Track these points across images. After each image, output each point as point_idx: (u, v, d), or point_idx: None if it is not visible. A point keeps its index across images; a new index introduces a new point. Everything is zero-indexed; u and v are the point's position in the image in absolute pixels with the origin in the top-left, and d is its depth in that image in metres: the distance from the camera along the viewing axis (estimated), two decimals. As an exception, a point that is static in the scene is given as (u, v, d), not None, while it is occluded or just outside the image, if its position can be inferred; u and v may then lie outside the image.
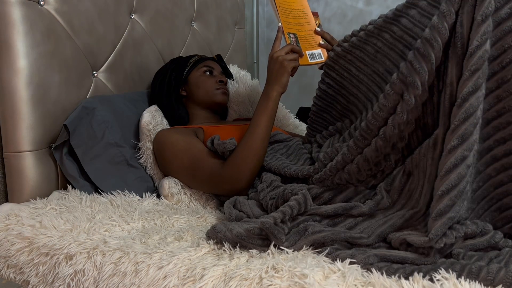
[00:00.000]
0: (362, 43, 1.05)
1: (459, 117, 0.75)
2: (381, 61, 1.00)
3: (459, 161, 0.74)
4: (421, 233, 0.77)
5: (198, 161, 1.11)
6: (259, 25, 2.54)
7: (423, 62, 0.80)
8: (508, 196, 0.82)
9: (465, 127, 0.74)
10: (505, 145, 0.81)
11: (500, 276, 0.64)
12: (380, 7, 2.25)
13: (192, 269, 0.75)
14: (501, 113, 0.80)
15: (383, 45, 0.99)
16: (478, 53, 0.75)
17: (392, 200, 0.88)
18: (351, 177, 0.94)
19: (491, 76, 0.79)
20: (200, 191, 1.18)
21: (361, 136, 0.91)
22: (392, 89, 0.84)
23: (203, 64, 1.39)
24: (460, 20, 0.78)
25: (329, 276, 0.69)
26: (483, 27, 0.75)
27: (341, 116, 1.16)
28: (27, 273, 0.89)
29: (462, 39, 0.78)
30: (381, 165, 0.92)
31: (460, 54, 0.78)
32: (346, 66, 1.11)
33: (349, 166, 0.93)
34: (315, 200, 0.94)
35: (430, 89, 0.84)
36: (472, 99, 0.75)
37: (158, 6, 1.57)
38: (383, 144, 0.88)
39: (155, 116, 1.27)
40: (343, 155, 0.93)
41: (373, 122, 0.88)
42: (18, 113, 1.07)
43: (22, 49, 1.06)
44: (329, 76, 1.17)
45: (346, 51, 1.11)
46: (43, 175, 1.14)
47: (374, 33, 1.02)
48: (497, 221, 0.83)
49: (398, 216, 0.83)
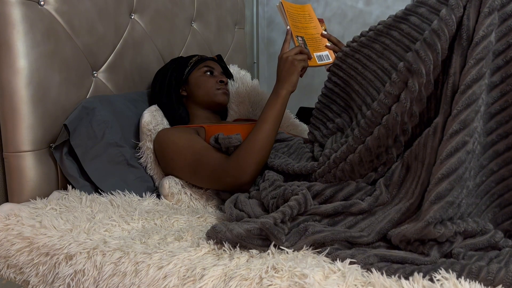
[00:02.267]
0: (371, 42, 1.07)
1: (461, 103, 0.76)
2: (386, 57, 1.01)
3: (460, 146, 0.75)
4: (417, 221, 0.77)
5: (202, 156, 1.11)
6: (259, 25, 2.54)
7: (429, 51, 0.82)
8: (509, 192, 0.82)
9: (467, 113, 0.75)
10: (507, 139, 0.82)
11: (500, 276, 0.65)
12: (380, 7, 2.25)
13: (192, 269, 0.75)
14: (504, 107, 0.82)
15: (391, 42, 1.00)
16: (483, 43, 0.77)
17: (391, 195, 0.87)
18: (353, 169, 0.94)
19: (496, 70, 0.81)
20: (203, 187, 1.18)
21: (366, 125, 0.91)
22: (398, 77, 0.85)
23: (203, 64, 1.39)
24: (467, 14, 0.80)
25: (329, 276, 0.69)
26: (489, 19, 0.78)
27: (340, 112, 1.16)
28: (27, 273, 0.89)
29: (468, 31, 0.80)
30: (383, 157, 0.92)
31: (465, 45, 0.80)
32: (354, 64, 1.12)
33: (351, 156, 0.93)
34: (316, 198, 0.94)
35: (436, 83, 0.84)
36: (475, 87, 0.76)
37: (158, 6, 1.57)
38: (385, 132, 0.88)
39: (156, 116, 1.27)
40: (347, 145, 0.94)
41: (378, 109, 0.89)
42: (18, 113, 1.07)
43: (22, 49, 1.06)
44: (336, 75, 1.18)
45: (355, 50, 1.12)
46: (43, 175, 1.14)
47: (383, 32, 1.03)
48: (498, 217, 0.84)
49: (395, 211, 0.83)
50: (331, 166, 0.96)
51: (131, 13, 1.46)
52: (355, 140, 0.93)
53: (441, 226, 0.73)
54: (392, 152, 0.91)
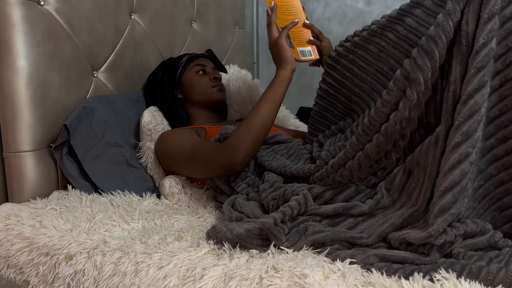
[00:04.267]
0: (365, 43, 1.05)
1: (463, 114, 0.75)
2: (385, 60, 1.00)
3: (463, 157, 0.74)
4: (420, 230, 0.77)
5: (199, 144, 1.12)
6: (259, 25, 2.54)
7: (427, 59, 0.80)
8: (509, 195, 0.82)
9: (469, 124, 0.74)
10: (507, 143, 0.81)
11: (500, 276, 0.64)
12: (380, 7, 2.25)
13: (192, 269, 0.75)
14: (504, 112, 0.81)
15: (386, 44, 0.99)
16: (484, 50, 0.76)
17: (392, 199, 0.87)
18: (352, 174, 0.93)
19: (495, 74, 0.80)
20: (198, 177, 1.18)
21: (363, 132, 0.91)
22: (395, 85, 0.84)
23: (194, 63, 1.37)
24: (465, 19, 0.78)
25: (329, 276, 0.69)
26: (489, 25, 0.76)
27: (343, 115, 1.16)
28: (27, 273, 0.89)
29: (467, 37, 0.78)
30: (382, 162, 0.92)
31: (465, 52, 0.78)
32: (348, 65, 1.11)
33: (350, 163, 0.92)
34: (316, 200, 0.94)
35: (434, 87, 0.84)
36: (477, 96, 0.75)
37: (158, 6, 1.57)
38: (385, 140, 0.88)
39: (156, 116, 1.27)
40: (345, 151, 0.93)
41: (375, 118, 0.88)
42: (18, 113, 1.07)
43: (22, 49, 1.06)
44: (330, 76, 1.17)
45: (348, 51, 1.11)
46: (43, 175, 1.14)
47: (377, 33, 1.02)
48: (497, 220, 0.83)
49: (397, 216, 0.83)
50: (329, 172, 0.95)
51: (131, 13, 1.46)
52: (352, 147, 0.92)
53: (442, 236, 0.73)
54: (392, 157, 0.90)
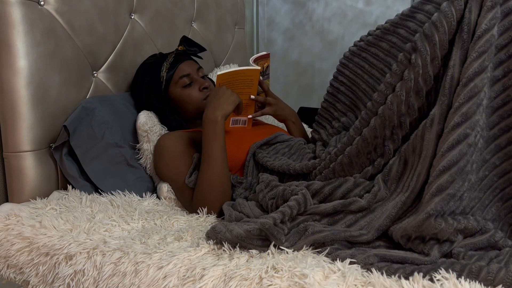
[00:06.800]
0: (378, 40, 1.07)
1: (463, 96, 0.76)
2: (393, 55, 1.01)
3: (462, 138, 0.75)
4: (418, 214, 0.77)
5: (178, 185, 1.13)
6: (259, 25, 2.54)
7: (426, 42, 0.82)
8: (511, 186, 0.82)
9: (468, 106, 0.75)
10: (509, 133, 0.82)
11: (500, 276, 0.65)
12: (380, 7, 2.25)
13: (192, 269, 0.75)
14: (506, 101, 0.82)
15: (398, 40, 1.01)
16: (485, 36, 0.77)
17: (390, 190, 0.88)
18: (351, 161, 0.94)
19: (498, 65, 0.81)
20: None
21: (366, 115, 0.93)
22: (398, 67, 0.87)
23: (178, 75, 1.26)
24: (469, 7, 0.80)
25: (329, 276, 0.69)
26: (492, 12, 0.78)
27: (346, 111, 1.17)
28: (27, 273, 0.89)
29: (469, 24, 0.80)
30: (380, 149, 0.92)
31: (466, 38, 0.80)
32: (360, 63, 1.12)
33: (349, 148, 0.94)
34: (315, 196, 0.94)
35: (436, 78, 0.84)
36: (477, 80, 0.76)
37: (158, 6, 1.57)
38: (381, 122, 0.89)
39: (151, 116, 1.24)
40: (348, 136, 0.95)
41: (378, 100, 0.90)
42: (18, 113, 1.07)
43: (22, 49, 1.06)
44: (342, 74, 1.18)
45: (361, 49, 1.12)
46: (43, 175, 1.14)
47: (390, 30, 1.03)
48: (501, 211, 0.84)
49: (391, 206, 0.83)
50: (332, 160, 0.97)
51: (131, 13, 1.46)
52: (355, 131, 0.94)
53: (441, 220, 0.73)
54: (389, 145, 0.91)
